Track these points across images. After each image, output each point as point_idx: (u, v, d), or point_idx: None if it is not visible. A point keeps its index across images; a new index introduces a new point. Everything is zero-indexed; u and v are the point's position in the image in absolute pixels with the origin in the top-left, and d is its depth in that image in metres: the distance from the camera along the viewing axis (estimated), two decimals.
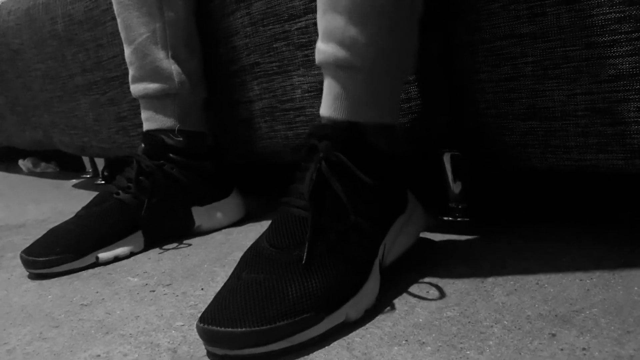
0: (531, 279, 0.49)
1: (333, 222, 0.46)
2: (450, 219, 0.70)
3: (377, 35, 0.47)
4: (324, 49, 0.49)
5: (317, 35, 0.60)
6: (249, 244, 0.69)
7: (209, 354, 0.42)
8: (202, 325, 0.40)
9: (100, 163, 1.35)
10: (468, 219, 0.70)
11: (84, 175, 1.47)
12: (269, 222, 0.78)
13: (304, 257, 0.43)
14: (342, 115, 0.49)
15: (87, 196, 1.11)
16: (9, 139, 1.57)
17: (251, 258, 0.46)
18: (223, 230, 0.78)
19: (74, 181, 1.42)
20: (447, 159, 0.68)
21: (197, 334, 0.45)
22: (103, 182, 1.33)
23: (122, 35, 0.75)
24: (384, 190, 0.50)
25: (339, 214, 0.46)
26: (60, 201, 1.16)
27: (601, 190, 0.71)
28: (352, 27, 0.46)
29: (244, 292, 0.42)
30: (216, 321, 0.40)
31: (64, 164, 1.68)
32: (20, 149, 1.63)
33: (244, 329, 0.39)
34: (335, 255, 0.45)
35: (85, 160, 1.47)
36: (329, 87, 0.50)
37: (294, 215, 0.47)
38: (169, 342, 0.45)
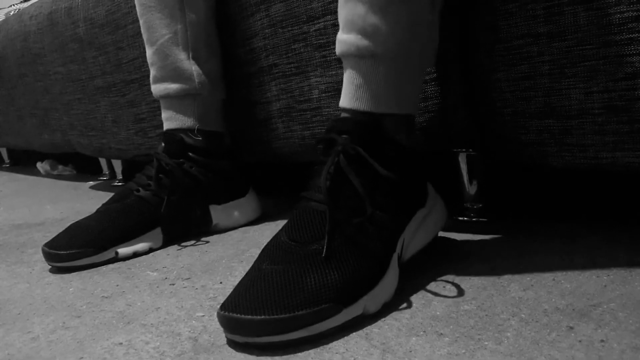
0: (548, 275, 0.50)
1: (350, 215, 0.46)
2: (465, 219, 0.71)
3: (399, 23, 0.47)
4: (345, 39, 0.49)
5: (335, 35, 0.61)
6: (265, 241, 0.70)
7: (229, 341, 0.43)
8: (223, 312, 0.41)
9: (117, 165, 1.36)
10: (484, 219, 0.70)
11: (101, 178, 1.49)
12: (285, 221, 0.79)
13: (324, 251, 0.44)
14: (363, 105, 0.49)
15: (104, 197, 1.13)
16: (27, 142, 1.60)
17: (271, 251, 0.47)
18: (239, 229, 0.79)
19: (91, 183, 1.44)
20: (462, 158, 0.68)
21: (217, 323, 0.46)
22: (121, 183, 1.34)
23: (144, 36, 0.77)
24: (403, 183, 0.50)
25: (357, 207, 0.47)
26: (78, 201, 1.18)
27: (618, 188, 0.71)
28: (374, 15, 0.47)
29: (265, 281, 0.42)
30: (237, 309, 0.41)
31: (81, 167, 1.71)
32: (38, 152, 1.66)
33: (263, 317, 0.40)
34: (353, 248, 0.45)
35: (102, 162, 1.49)
36: (350, 78, 0.50)
37: (312, 209, 0.47)
38: (189, 332, 0.46)
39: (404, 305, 0.47)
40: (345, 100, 0.51)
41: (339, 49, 0.50)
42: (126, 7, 0.96)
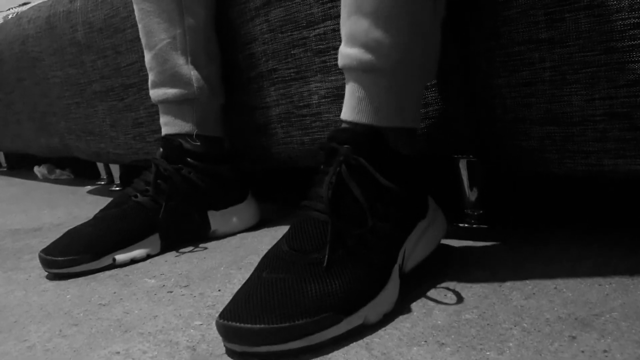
0: (549, 283, 0.49)
1: (352, 226, 0.46)
2: (466, 225, 0.70)
3: (401, 37, 0.47)
4: (347, 53, 0.49)
5: (335, 41, 0.60)
6: (264, 248, 0.70)
7: (227, 351, 0.42)
8: (221, 321, 0.41)
9: (115, 170, 1.36)
10: (485, 226, 0.69)
11: (99, 182, 1.48)
12: (284, 227, 0.79)
13: (325, 261, 0.44)
14: (365, 119, 0.49)
15: (101, 202, 1.12)
16: (25, 146, 1.60)
17: (271, 259, 0.46)
18: (238, 235, 0.79)
19: (89, 187, 1.43)
20: (463, 165, 0.68)
21: (216, 332, 0.45)
22: (118, 188, 1.34)
23: (143, 41, 0.76)
24: (404, 194, 0.50)
25: (358, 217, 0.47)
26: (76, 206, 1.17)
27: (619, 194, 0.71)
28: (377, 30, 0.47)
29: (264, 290, 0.42)
30: (236, 317, 0.40)
31: (79, 171, 1.70)
32: (35, 156, 1.65)
33: (262, 326, 0.39)
34: (354, 259, 0.45)
35: (100, 167, 1.48)
36: (352, 91, 0.50)
37: (313, 219, 0.47)
38: (187, 341, 0.45)
39: (405, 314, 0.46)
40: (347, 112, 0.51)
41: (341, 62, 0.50)
42: (125, 12, 0.96)
